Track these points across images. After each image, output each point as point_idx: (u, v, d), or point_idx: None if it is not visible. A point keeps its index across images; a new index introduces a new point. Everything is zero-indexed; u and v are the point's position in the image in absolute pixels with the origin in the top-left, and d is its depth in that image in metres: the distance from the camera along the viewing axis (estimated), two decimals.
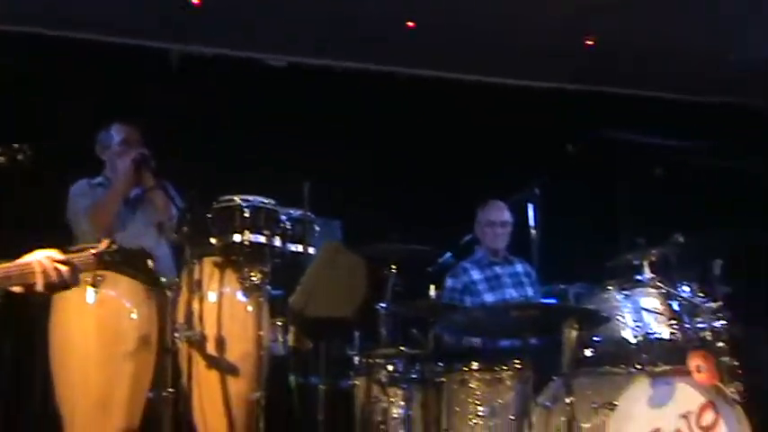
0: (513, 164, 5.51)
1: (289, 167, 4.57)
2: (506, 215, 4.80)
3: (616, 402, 3.42)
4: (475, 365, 3.83)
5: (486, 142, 5.74)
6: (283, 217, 3.42)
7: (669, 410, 3.54)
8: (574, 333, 3.19)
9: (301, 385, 3.23)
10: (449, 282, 4.67)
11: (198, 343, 3.09)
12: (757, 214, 6.22)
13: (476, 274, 4.69)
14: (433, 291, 3.89)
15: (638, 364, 3.65)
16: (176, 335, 3.11)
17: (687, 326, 3.94)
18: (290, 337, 2.93)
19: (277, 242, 3.34)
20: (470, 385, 3.78)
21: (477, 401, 3.76)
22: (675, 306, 3.96)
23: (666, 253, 4.20)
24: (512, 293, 4.64)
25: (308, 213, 3.49)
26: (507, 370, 3.79)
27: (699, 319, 3.98)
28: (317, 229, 3.52)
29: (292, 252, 3.37)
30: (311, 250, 3.31)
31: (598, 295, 3.96)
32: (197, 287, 3.17)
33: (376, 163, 5.53)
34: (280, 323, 3.20)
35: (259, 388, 3.20)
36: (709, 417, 3.59)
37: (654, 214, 5.07)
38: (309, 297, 2.71)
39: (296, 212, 3.47)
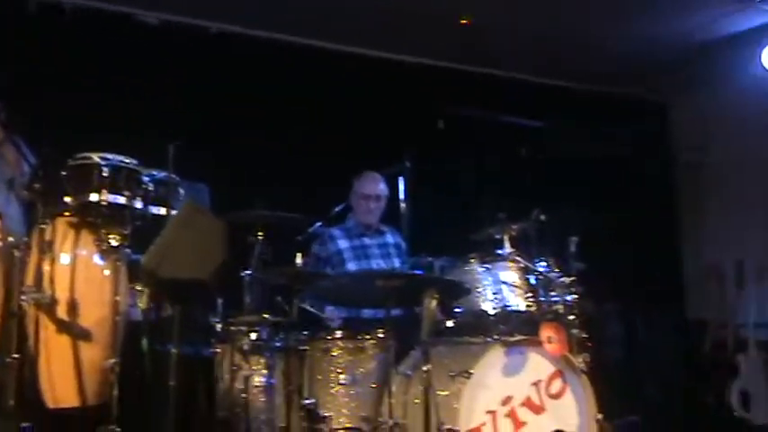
0: (385, 136, 5.54)
1: (154, 128, 4.39)
2: (382, 188, 4.82)
3: (472, 371, 3.52)
4: (338, 334, 3.83)
5: (361, 113, 5.74)
6: (146, 178, 3.29)
7: (521, 378, 3.68)
8: (434, 303, 3.24)
9: (157, 351, 3.12)
10: (315, 248, 4.66)
11: (47, 306, 2.93)
12: (612, 196, 6.57)
13: (343, 243, 4.69)
14: (299, 259, 3.85)
15: (495, 334, 3.78)
16: (23, 298, 2.94)
17: (542, 299, 4.10)
18: (144, 300, 2.82)
19: (138, 204, 3.21)
20: (333, 354, 3.78)
21: (339, 370, 3.77)
22: (532, 280, 4.12)
23: (526, 229, 4.35)
24: (379, 263, 4.67)
25: (173, 175, 3.37)
26: (370, 339, 3.82)
27: (553, 293, 4.15)
28: (182, 192, 3.41)
29: (154, 215, 3.25)
30: (174, 213, 3.20)
31: (461, 268, 4.05)
32: (48, 248, 3.01)
33: (248, 128, 5.41)
34: (139, 288, 3.08)
35: (114, 355, 3.08)
36: (557, 385, 3.76)
37: (517, 192, 5.23)
38: (163, 257, 2.61)
39: (160, 174, 3.34)
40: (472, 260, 4.03)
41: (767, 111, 6.25)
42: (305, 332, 3.84)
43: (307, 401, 3.66)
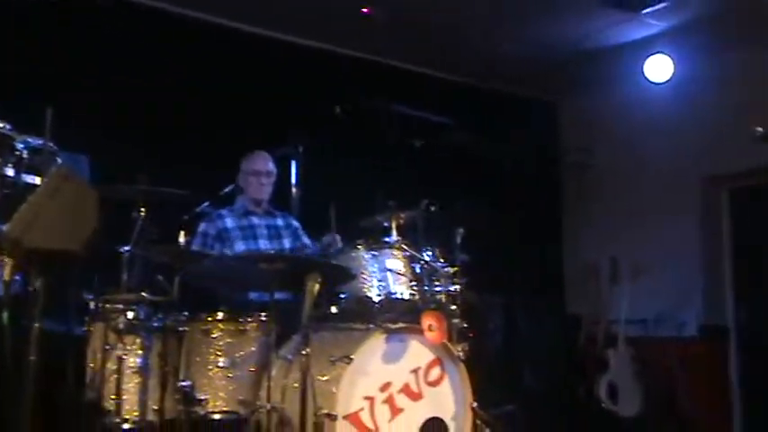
0: (280, 119, 5.44)
1: (32, 93, 4.14)
2: (271, 166, 4.76)
3: (352, 356, 3.51)
4: (220, 316, 3.75)
5: (257, 95, 5.63)
6: (20, 144, 3.10)
7: (401, 365, 3.70)
8: (316, 286, 3.21)
9: (22, 326, 2.94)
10: (202, 226, 4.54)
11: None
12: (500, 192, 6.71)
13: (230, 222, 4.60)
14: (182, 237, 3.74)
15: (378, 321, 3.79)
16: None
17: (426, 288, 4.15)
18: (7, 271, 2.65)
19: (9, 171, 3.02)
20: (213, 335, 3.70)
21: (218, 352, 3.69)
22: (417, 269, 4.15)
23: (415, 218, 4.39)
24: (266, 245, 4.60)
25: (50, 144, 3.18)
26: (252, 322, 3.76)
27: (437, 283, 4.21)
28: (60, 161, 3.23)
29: (27, 183, 3.06)
30: (43, 181, 3.02)
31: (348, 253, 4.04)
32: None
33: (137, 102, 5.20)
34: (1, 258, 2.89)
35: None
36: (435, 372, 3.81)
37: (408, 182, 5.25)
38: (28, 226, 2.46)
39: (35, 141, 3.15)
40: (359, 246, 4.02)
41: (648, 119, 6.54)
42: (185, 313, 3.74)
43: (182, 384, 3.57)
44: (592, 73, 6.57)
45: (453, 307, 4.29)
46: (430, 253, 4.29)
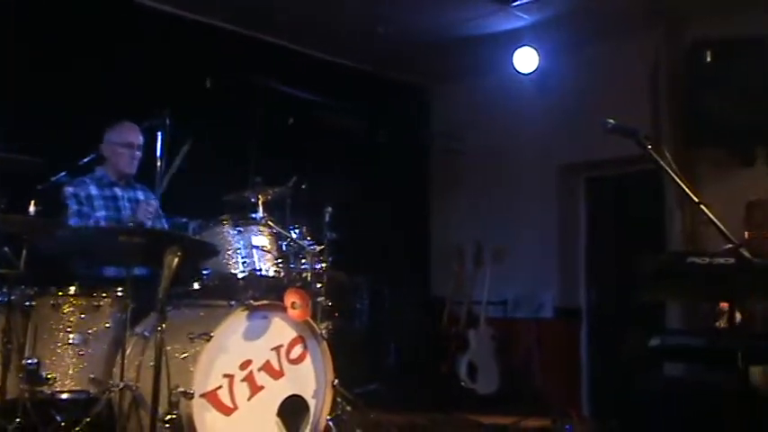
0: (148, 90, 5.19)
1: None
2: (141, 138, 4.52)
3: (212, 333, 3.41)
4: (71, 290, 3.54)
5: (124, 63, 5.34)
6: None
7: (262, 343, 3.63)
8: (175, 261, 3.08)
9: None
10: (69, 190, 4.24)
11: None
12: (372, 174, 6.72)
13: (93, 189, 4.35)
14: (32, 207, 3.50)
15: (241, 298, 3.69)
16: None
17: (291, 266, 4.09)
18: None
19: None
20: (63, 311, 3.50)
21: (69, 329, 3.50)
22: (284, 246, 4.09)
23: (283, 195, 4.31)
24: (128, 218, 4.37)
25: None
26: (106, 297, 3.58)
27: (303, 261, 4.16)
28: None
29: None
30: None
31: (213, 229, 3.92)
32: None
33: None
34: None
35: None
36: (297, 350, 3.76)
37: (279, 159, 5.15)
38: None
39: None
40: (225, 222, 3.91)
41: (514, 109, 6.72)
42: (34, 287, 3.51)
43: (28, 362, 3.35)
44: (463, 61, 6.68)
45: (319, 285, 4.27)
46: (297, 231, 4.24)
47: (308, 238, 4.25)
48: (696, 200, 3.11)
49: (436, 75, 7.25)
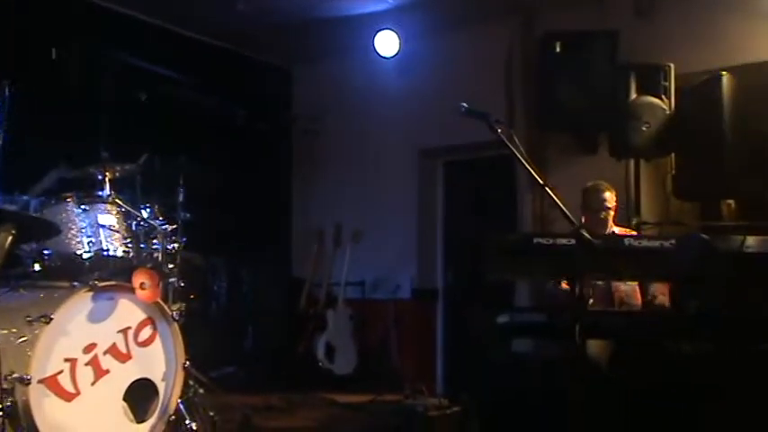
0: None
1: None
2: None
3: (52, 315, 3.23)
4: None
5: None
6: None
7: (108, 325, 3.49)
8: (8, 239, 2.88)
9: None
10: None
11: None
12: (231, 153, 6.59)
13: None
14: None
15: (85, 278, 3.52)
16: None
17: (142, 246, 3.94)
18: None
19: None
20: None
21: None
22: (133, 226, 3.93)
23: (133, 172, 4.14)
24: None
25: None
26: None
27: (154, 241, 4.01)
28: None
29: None
30: None
31: (55, 207, 3.71)
32: None
33: None
34: None
35: None
36: (146, 332, 3.64)
37: (130, 135, 4.94)
38: None
39: None
40: (68, 200, 3.71)
41: (377, 93, 6.76)
42: None
43: None
44: (325, 42, 6.65)
45: (171, 266, 4.13)
46: (148, 210, 4.08)
47: (161, 218, 4.11)
48: (541, 182, 3.23)
49: (298, 55, 7.19)
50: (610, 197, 4.41)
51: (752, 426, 3.60)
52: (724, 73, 4.89)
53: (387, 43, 6.26)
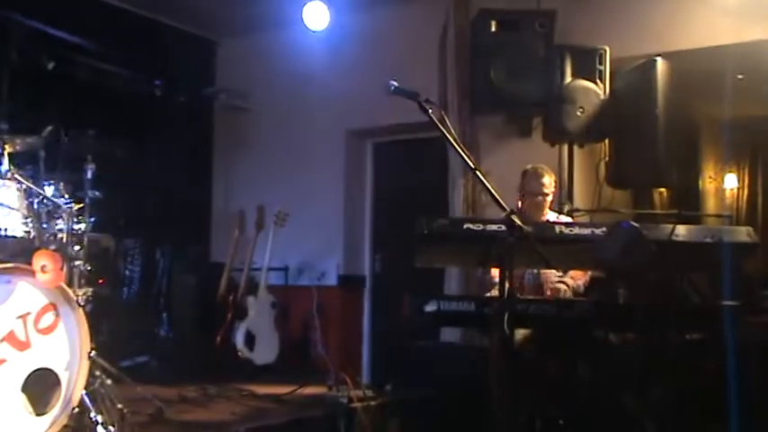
0: None
1: None
2: None
3: None
4: None
5: None
6: None
7: (5, 311, 3.34)
8: None
9: None
10: None
11: None
12: (147, 129, 6.42)
13: None
14: None
15: None
16: None
17: (44, 226, 3.80)
18: None
19: None
20: None
21: None
22: (35, 204, 3.78)
23: (35, 146, 3.98)
24: None
25: None
26: None
27: (58, 221, 3.87)
28: None
29: None
30: None
31: None
32: None
33: None
34: None
35: None
36: (48, 319, 3.50)
37: (35, 106, 4.76)
38: None
39: None
40: None
41: (305, 69, 6.66)
42: None
43: None
44: (251, 13, 6.53)
45: (77, 248, 4.00)
46: (52, 187, 3.93)
47: (66, 196, 3.97)
48: (473, 167, 3.24)
49: (222, 27, 7.04)
50: (549, 182, 4.48)
51: (679, 414, 3.72)
52: (659, 58, 5.01)
53: (316, 16, 6.18)
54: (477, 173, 3.21)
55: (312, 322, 6.44)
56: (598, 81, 5.16)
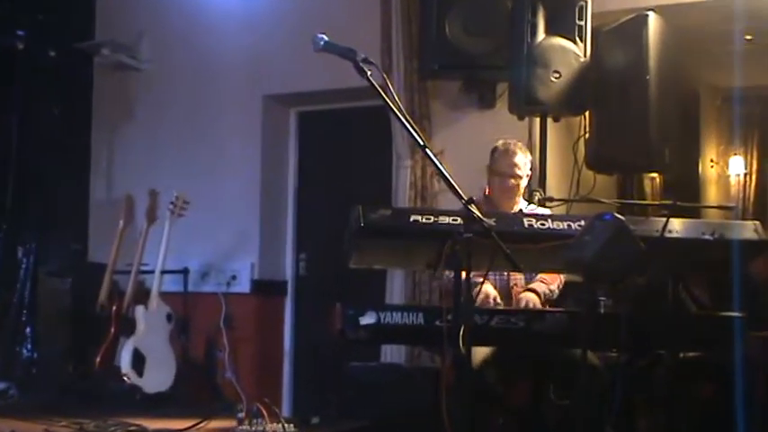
0: None
1: None
2: None
3: None
4: None
5: None
6: None
7: None
8: None
9: None
10: None
11: None
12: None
13: None
14: None
15: None
16: None
17: None
18: None
19: None
20: None
21: None
22: None
23: None
24: None
25: None
26: None
27: None
28: None
29: None
30: None
31: None
32: None
33: None
34: None
35: None
36: None
37: None
38: None
39: None
40: None
41: (213, 20, 6.64)
42: None
43: None
44: None
45: None
46: None
47: None
48: (423, 144, 3.27)
49: None
50: (523, 162, 4.51)
51: None
52: (651, 12, 5.11)
53: None
54: (428, 152, 3.24)
55: (219, 339, 6.42)
56: (577, 39, 5.23)
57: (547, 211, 4.72)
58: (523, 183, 4.55)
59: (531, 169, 4.64)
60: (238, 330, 6.49)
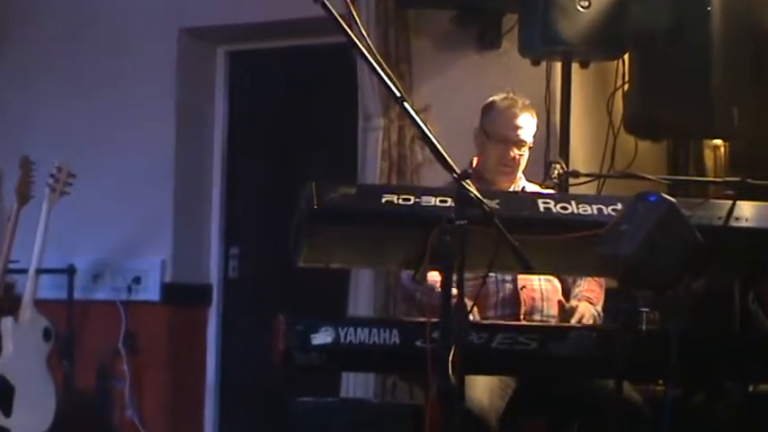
0: None
1: None
2: None
3: None
4: None
5: None
6: None
7: None
8: None
9: None
10: None
11: None
12: None
13: None
14: None
15: None
16: None
17: None
18: None
19: None
20: None
21: None
22: None
23: None
24: None
25: None
26: None
27: None
28: None
29: None
30: None
31: None
32: None
33: None
34: None
35: None
36: None
37: None
38: None
39: None
40: None
41: None
42: None
43: None
44: None
45: None
46: None
47: None
48: (400, 96, 3.26)
49: None
50: (528, 124, 4.47)
51: None
52: None
53: None
54: (408, 108, 3.23)
55: (117, 364, 6.43)
56: None
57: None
58: (526, 153, 4.49)
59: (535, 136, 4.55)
60: (144, 353, 6.52)
